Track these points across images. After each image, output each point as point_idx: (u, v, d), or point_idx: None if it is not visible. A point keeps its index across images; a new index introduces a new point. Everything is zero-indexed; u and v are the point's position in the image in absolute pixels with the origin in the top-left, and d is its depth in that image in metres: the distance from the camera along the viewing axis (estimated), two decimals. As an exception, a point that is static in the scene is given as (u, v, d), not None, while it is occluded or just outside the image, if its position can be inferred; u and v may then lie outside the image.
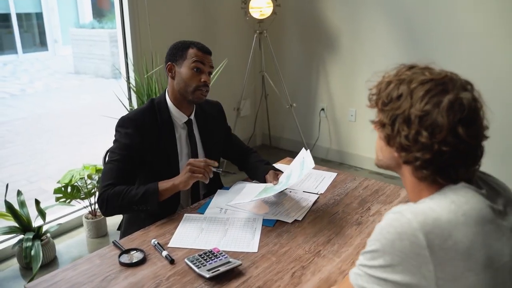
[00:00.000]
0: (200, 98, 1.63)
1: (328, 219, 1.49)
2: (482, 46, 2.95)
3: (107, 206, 1.50)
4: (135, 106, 2.98)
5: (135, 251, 1.30)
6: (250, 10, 3.42)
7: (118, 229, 1.83)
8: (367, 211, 1.55)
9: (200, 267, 1.20)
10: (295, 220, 1.48)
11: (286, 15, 3.86)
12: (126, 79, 3.07)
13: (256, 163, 1.82)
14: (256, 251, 1.31)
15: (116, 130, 1.60)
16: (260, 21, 3.54)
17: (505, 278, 0.79)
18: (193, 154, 1.70)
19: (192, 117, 1.70)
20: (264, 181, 1.71)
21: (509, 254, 0.79)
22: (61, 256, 2.59)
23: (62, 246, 2.68)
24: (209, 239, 1.37)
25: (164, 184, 1.51)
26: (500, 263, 0.77)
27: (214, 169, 1.54)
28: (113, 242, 1.37)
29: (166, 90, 1.69)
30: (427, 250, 0.74)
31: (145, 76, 2.82)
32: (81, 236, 2.80)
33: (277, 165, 1.91)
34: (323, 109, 3.89)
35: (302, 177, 1.57)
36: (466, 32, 2.98)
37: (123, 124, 1.59)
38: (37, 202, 2.37)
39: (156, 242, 1.34)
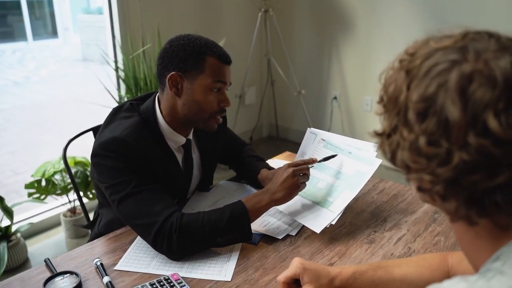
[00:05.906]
0: (213, 128, 1.23)
1: (330, 235, 1.14)
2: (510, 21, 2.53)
3: (180, 242, 1.02)
4: (123, 93, 2.66)
5: (67, 275, 0.98)
6: (254, -14, 3.05)
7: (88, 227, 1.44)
8: (383, 223, 1.19)
9: (148, 303, 0.87)
10: (288, 235, 1.14)
11: (296, -7, 3.48)
12: (114, 63, 2.74)
13: (247, 158, 1.47)
14: (230, 280, 0.97)
15: (105, 155, 1.10)
16: (266, -3, 3.17)
17: None
18: (187, 177, 1.31)
19: (191, 136, 1.29)
20: (257, 182, 1.36)
21: None
22: (34, 258, 2.30)
23: (36, 247, 2.39)
24: (169, 260, 1.04)
25: (253, 201, 1.10)
26: None
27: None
28: (45, 260, 1.05)
29: (155, 100, 1.21)
30: None
31: (131, 57, 2.49)
32: (59, 236, 2.51)
33: (273, 161, 1.57)
34: (335, 97, 3.52)
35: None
36: (494, 8, 2.56)
37: (115, 148, 1.09)
38: (0, 199, 2.08)
39: (99, 263, 1.02)
